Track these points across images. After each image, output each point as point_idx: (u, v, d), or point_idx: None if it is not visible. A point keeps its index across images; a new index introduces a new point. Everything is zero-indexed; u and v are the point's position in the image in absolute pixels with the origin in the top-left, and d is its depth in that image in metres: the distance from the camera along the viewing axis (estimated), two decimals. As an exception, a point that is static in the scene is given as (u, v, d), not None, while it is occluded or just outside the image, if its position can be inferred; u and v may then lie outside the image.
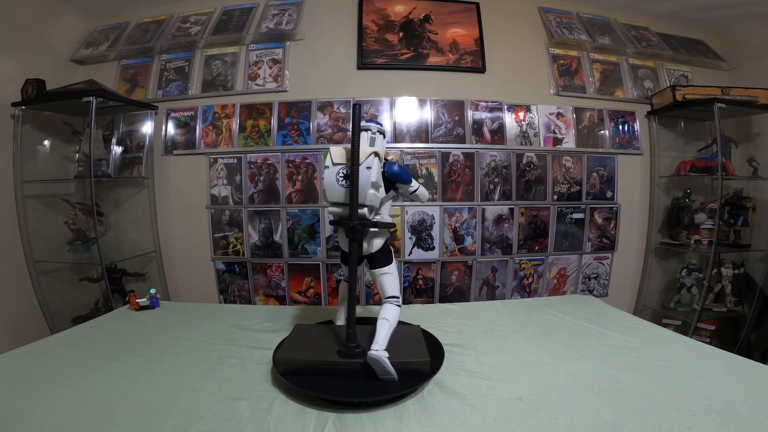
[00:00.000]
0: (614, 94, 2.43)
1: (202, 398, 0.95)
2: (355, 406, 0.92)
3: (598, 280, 2.41)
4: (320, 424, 0.85)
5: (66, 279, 2.25)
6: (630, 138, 2.42)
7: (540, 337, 1.33)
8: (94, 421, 0.86)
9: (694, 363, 1.12)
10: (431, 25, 2.32)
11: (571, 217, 2.33)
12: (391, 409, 0.92)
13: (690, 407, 0.89)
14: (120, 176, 2.31)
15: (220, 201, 2.25)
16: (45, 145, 2.20)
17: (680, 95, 2.23)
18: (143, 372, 1.09)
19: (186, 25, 2.36)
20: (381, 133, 1.15)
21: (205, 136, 2.26)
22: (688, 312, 2.25)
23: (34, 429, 0.83)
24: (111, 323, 1.51)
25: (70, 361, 1.16)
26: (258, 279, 2.27)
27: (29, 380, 1.04)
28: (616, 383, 1.01)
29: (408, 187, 1.19)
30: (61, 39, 2.32)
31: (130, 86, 2.35)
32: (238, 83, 2.28)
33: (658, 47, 2.47)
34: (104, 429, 0.84)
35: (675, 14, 2.54)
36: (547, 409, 0.90)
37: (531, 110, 2.33)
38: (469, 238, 2.25)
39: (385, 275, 1.14)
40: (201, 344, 1.29)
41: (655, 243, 2.41)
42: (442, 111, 2.26)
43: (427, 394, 0.98)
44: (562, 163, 2.32)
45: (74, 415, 0.88)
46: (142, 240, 2.29)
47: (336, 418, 0.88)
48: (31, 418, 0.87)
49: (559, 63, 2.41)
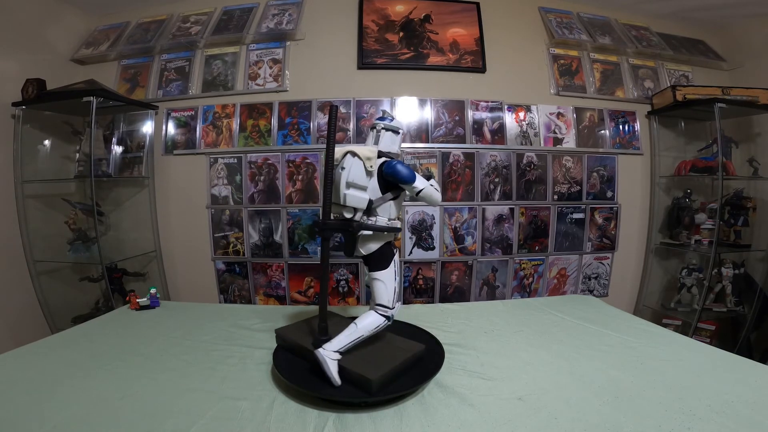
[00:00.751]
0: (615, 94, 2.43)
1: (202, 398, 0.95)
2: (355, 406, 0.92)
3: (599, 280, 2.41)
4: (320, 424, 0.85)
5: (66, 279, 2.25)
6: (630, 138, 2.41)
7: (540, 337, 1.33)
8: (94, 422, 0.86)
9: (694, 363, 1.12)
10: (431, 25, 2.32)
11: (571, 217, 2.33)
12: (392, 409, 0.92)
13: (690, 407, 0.89)
14: (120, 176, 2.31)
15: (221, 201, 2.25)
16: (45, 145, 2.21)
17: (681, 95, 2.22)
18: (143, 372, 1.09)
19: (186, 24, 2.36)
20: (390, 130, 1.10)
21: (205, 136, 2.26)
22: (689, 312, 2.25)
23: (34, 429, 0.83)
24: (111, 323, 1.51)
25: (70, 361, 1.16)
26: (258, 279, 2.27)
27: (29, 380, 1.04)
28: (616, 383, 1.01)
29: (411, 187, 1.07)
30: (62, 39, 2.32)
31: (131, 86, 2.35)
32: (239, 83, 2.28)
33: (658, 47, 2.47)
34: (104, 429, 0.84)
35: (675, 14, 2.54)
36: (547, 408, 0.90)
37: (531, 110, 2.33)
38: (470, 238, 2.25)
39: (375, 281, 1.08)
40: (201, 344, 1.29)
41: (656, 243, 2.41)
42: (443, 111, 2.26)
43: (427, 394, 0.98)
44: (562, 163, 2.32)
45: (73, 415, 0.88)
46: (143, 240, 2.29)
47: (336, 418, 0.88)
48: (30, 418, 0.87)
49: (559, 63, 2.41)
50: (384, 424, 0.86)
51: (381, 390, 0.94)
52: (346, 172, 1.04)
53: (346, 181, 1.03)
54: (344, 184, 1.03)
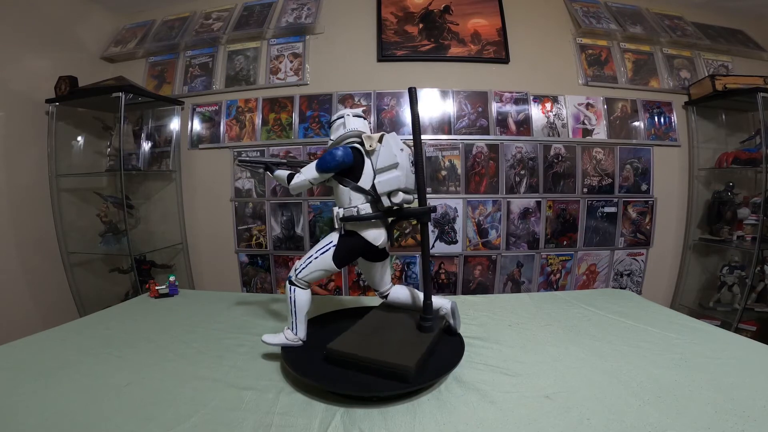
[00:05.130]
0: (648, 84, 2.32)
1: (208, 386, 0.93)
2: (365, 401, 0.87)
3: (631, 277, 2.29)
4: (327, 419, 0.81)
5: (98, 270, 2.33)
6: (666, 129, 2.29)
7: (570, 332, 1.25)
8: (96, 408, 0.85)
9: (744, 361, 1.03)
10: (451, 16, 2.28)
11: (602, 210, 2.23)
12: (405, 405, 0.86)
13: (743, 408, 0.81)
14: (149, 170, 2.37)
15: (244, 194, 2.27)
16: (78, 141, 2.29)
17: (720, 85, 2.12)
18: (153, 359, 1.08)
19: (209, 21, 2.40)
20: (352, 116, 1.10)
21: (229, 130, 2.29)
22: (728, 312, 2.13)
23: (35, 414, 0.83)
24: (129, 310, 1.53)
25: (84, 347, 1.16)
26: (280, 272, 2.28)
27: (38, 365, 1.05)
28: (657, 381, 0.93)
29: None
30: (92, 37, 2.40)
31: (158, 82, 2.41)
32: (261, 77, 2.30)
33: (694, 36, 2.36)
34: (104, 416, 0.82)
35: (710, 3, 2.44)
36: (578, 408, 0.83)
37: (558, 101, 2.25)
38: (494, 231, 2.18)
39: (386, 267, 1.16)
40: (213, 332, 1.27)
41: (694, 239, 2.28)
42: (465, 102, 2.21)
43: (444, 390, 0.92)
44: (592, 155, 2.22)
45: (76, 401, 0.87)
46: (170, 232, 2.35)
47: (344, 412, 0.83)
48: (33, 403, 0.87)
49: (587, 53, 2.31)
50: (395, 421, 0.81)
51: (420, 376, 0.89)
52: (405, 154, 1.02)
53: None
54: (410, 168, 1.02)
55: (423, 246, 1.05)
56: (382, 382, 0.89)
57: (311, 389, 0.91)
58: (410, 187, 1.03)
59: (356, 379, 0.91)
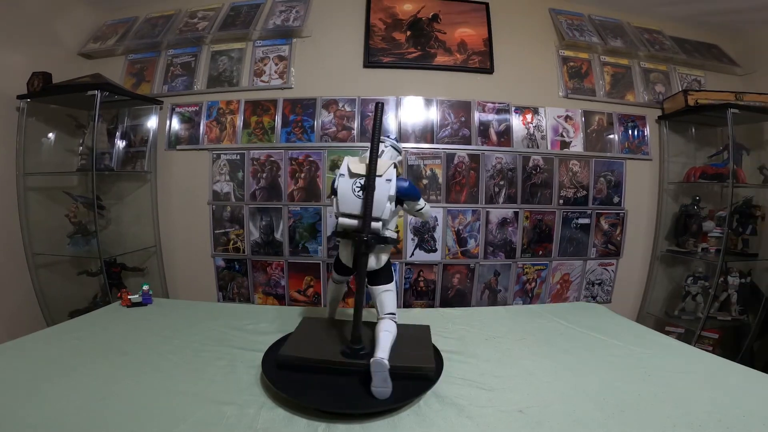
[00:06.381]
0: (625, 97, 2.39)
1: (186, 401, 0.91)
2: (347, 416, 0.88)
3: (602, 287, 2.37)
4: None
5: (65, 272, 2.24)
6: (639, 143, 2.38)
7: (544, 346, 1.30)
8: (70, 424, 0.82)
9: (704, 375, 1.09)
10: (439, 25, 2.30)
11: (576, 222, 2.29)
12: (385, 420, 0.88)
13: (700, 421, 0.86)
14: (123, 170, 2.30)
15: (222, 197, 2.23)
16: (49, 138, 2.20)
17: (693, 100, 2.19)
18: (127, 372, 1.05)
19: (194, 20, 2.35)
20: (396, 149, 1.15)
21: (208, 132, 2.24)
22: (692, 320, 2.22)
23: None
24: (100, 320, 1.48)
25: (53, 358, 1.12)
26: (258, 277, 2.25)
27: (6, 380, 1.00)
28: (622, 395, 0.97)
29: (415, 205, 1.14)
30: (70, 32, 2.31)
31: (137, 81, 2.33)
32: (244, 79, 2.26)
33: (671, 51, 2.43)
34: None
35: (690, 18, 2.49)
36: (548, 422, 0.86)
37: (539, 112, 2.30)
38: (473, 240, 2.22)
39: (386, 292, 1.09)
40: (190, 344, 1.25)
41: (662, 250, 2.37)
42: (449, 111, 2.24)
43: (423, 405, 0.94)
44: (569, 167, 2.29)
45: (48, 418, 0.84)
46: (143, 234, 2.28)
47: (326, 427, 0.84)
48: (3, 420, 0.83)
49: (569, 65, 2.37)
50: (376, 436, 0.82)
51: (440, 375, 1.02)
52: (391, 185, 1.02)
53: (390, 195, 1.02)
54: (388, 197, 1.02)
55: (358, 272, 1.05)
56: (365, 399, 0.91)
57: (293, 404, 0.91)
58: (350, 210, 1.03)
59: (336, 394, 0.93)
